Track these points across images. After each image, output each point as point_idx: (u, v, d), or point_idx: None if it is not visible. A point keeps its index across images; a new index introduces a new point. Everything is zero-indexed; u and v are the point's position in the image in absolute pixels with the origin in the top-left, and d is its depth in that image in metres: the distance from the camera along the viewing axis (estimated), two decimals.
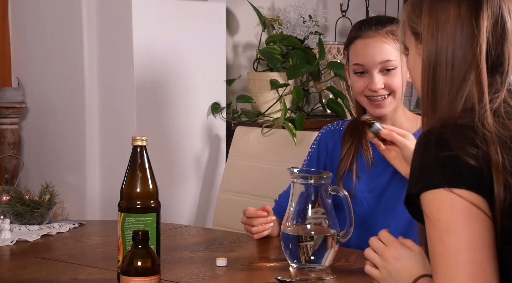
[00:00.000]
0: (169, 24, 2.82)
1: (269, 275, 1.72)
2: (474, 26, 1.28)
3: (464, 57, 1.28)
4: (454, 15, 1.29)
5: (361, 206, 2.01)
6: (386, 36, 1.99)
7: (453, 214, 1.19)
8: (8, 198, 2.22)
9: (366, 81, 2.00)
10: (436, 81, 1.31)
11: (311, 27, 3.25)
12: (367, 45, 2.00)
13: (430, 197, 1.22)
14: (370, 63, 1.99)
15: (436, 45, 1.30)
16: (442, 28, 1.30)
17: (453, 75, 1.29)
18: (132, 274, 1.46)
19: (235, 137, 2.80)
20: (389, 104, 2.00)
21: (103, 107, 2.82)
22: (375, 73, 1.99)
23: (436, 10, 1.31)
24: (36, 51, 2.94)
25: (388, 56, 1.98)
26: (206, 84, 2.96)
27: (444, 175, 1.20)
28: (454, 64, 1.29)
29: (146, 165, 1.62)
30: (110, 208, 2.67)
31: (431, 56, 1.31)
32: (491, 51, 1.29)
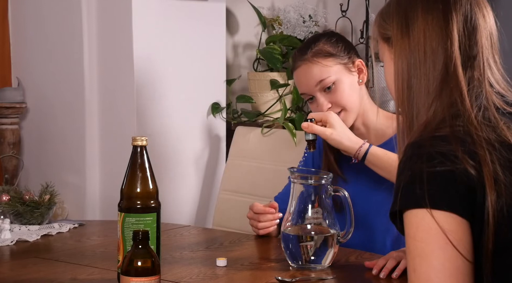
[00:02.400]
0: (169, 24, 2.82)
1: (269, 275, 1.72)
2: (443, 21, 1.27)
3: (436, 53, 1.27)
4: (422, 12, 1.29)
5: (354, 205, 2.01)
6: (311, 60, 2.05)
7: (428, 241, 1.18)
8: (8, 198, 2.22)
9: (318, 104, 2.06)
10: (411, 82, 1.29)
11: (311, 27, 3.25)
12: (298, 75, 2.08)
13: (410, 217, 1.21)
14: (309, 89, 2.06)
15: (408, 43, 1.29)
16: (412, 26, 1.29)
17: (428, 74, 1.27)
18: (132, 274, 1.46)
19: (235, 137, 2.81)
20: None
21: (103, 107, 2.82)
22: (319, 95, 2.05)
23: (404, 10, 1.31)
24: (36, 51, 2.94)
25: (319, 76, 2.04)
26: (206, 84, 2.96)
27: (426, 194, 1.19)
28: (427, 62, 1.28)
29: (146, 165, 1.62)
30: (110, 208, 2.67)
31: (404, 56, 1.30)
32: (464, 45, 1.27)
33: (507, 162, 1.19)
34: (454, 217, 1.18)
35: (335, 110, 2.03)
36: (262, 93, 3.07)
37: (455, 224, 1.18)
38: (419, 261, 1.19)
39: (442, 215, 1.18)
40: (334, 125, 1.94)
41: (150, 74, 2.78)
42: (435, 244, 1.17)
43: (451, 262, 1.17)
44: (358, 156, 1.94)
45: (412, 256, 1.20)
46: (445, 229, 1.17)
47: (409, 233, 1.21)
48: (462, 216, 1.18)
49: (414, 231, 1.20)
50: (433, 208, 1.18)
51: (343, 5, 3.56)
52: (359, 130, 2.06)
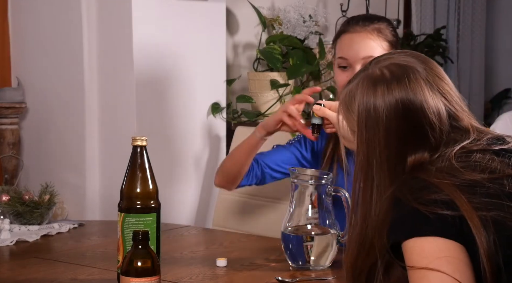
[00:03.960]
0: (169, 24, 2.82)
1: (269, 276, 1.72)
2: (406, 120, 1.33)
3: (398, 147, 1.33)
4: (383, 113, 1.33)
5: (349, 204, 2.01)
6: (372, 33, 2.01)
7: (423, 263, 1.20)
8: (8, 198, 2.22)
9: (349, 75, 2.01)
10: (370, 168, 1.36)
11: (311, 27, 3.25)
12: (352, 39, 2.03)
13: (406, 248, 1.24)
14: (353, 58, 2.01)
15: (367, 140, 1.36)
16: (373, 126, 1.34)
17: (388, 165, 1.34)
18: (132, 275, 1.46)
19: (235, 137, 2.80)
20: None
21: (103, 107, 2.82)
22: (358, 68, 2.00)
23: (365, 110, 1.36)
24: (36, 51, 2.94)
25: (372, 52, 2.00)
26: (206, 84, 2.96)
27: (414, 226, 1.23)
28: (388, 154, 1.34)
29: (146, 165, 1.62)
30: (110, 208, 2.67)
31: (363, 150, 1.37)
32: (436, 133, 1.33)
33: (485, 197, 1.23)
34: (444, 240, 1.21)
35: None
36: (262, 93, 3.07)
37: (447, 244, 1.21)
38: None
39: (436, 240, 1.21)
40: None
41: (150, 74, 2.78)
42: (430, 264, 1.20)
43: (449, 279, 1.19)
44: None
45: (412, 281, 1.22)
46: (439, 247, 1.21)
47: (406, 259, 1.23)
48: (455, 240, 1.21)
49: (409, 256, 1.23)
50: (423, 235, 1.22)
51: (343, 5, 3.56)
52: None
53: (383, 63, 1.39)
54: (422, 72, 1.36)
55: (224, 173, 2.16)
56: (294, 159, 2.16)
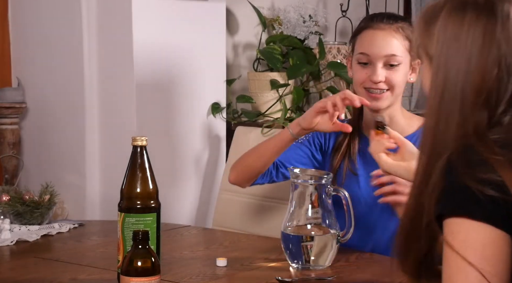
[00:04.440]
0: (169, 24, 2.82)
1: (269, 275, 1.72)
2: (487, 53, 1.23)
3: (474, 81, 1.23)
4: (467, 40, 1.24)
5: (359, 204, 2.01)
6: (396, 31, 2.00)
7: (466, 254, 1.14)
8: (8, 198, 2.22)
9: (368, 72, 2.00)
10: (443, 104, 1.25)
11: (311, 27, 3.25)
12: (375, 36, 2.01)
13: (449, 225, 1.17)
14: (375, 54, 1.99)
15: (448, 68, 1.25)
16: (455, 52, 1.25)
17: (462, 101, 1.23)
18: (132, 274, 1.46)
19: (235, 137, 2.80)
20: (386, 99, 2.00)
21: (103, 107, 2.82)
22: (379, 65, 1.99)
23: (449, 34, 1.26)
24: (36, 51, 2.94)
25: (394, 50, 1.99)
26: (206, 84, 2.95)
27: (465, 202, 1.15)
28: (463, 89, 1.24)
29: (146, 165, 1.62)
30: (110, 208, 2.67)
31: (440, 82, 1.26)
32: (507, 64, 1.23)
33: None
34: (491, 230, 1.14)
35: (385, 87, 1.99)
36: (262, 93, 3.07)
37: (491, 237, 1.14)
38: (455, 272, 1.16)
39: (479, 226, 1.14)
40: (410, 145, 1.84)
41: (150, 74, 2.78)
42: (472, 257, 1.14)
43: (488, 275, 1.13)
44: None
45: (448, 265, 1.17)
46: (482, 242, 1.14)
47: (447, 241, 1.17)
48: (499, 227, 1.14)
49: (451, 241, 1.16)
50: (471, 218, 1.15)
51: (343, 5, 3.56)
52: (383, 118, 2.04)
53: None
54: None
55: (245, 169, 2.11)
56: (306, 158, 2.12)
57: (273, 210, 2.52)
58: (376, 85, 1.99)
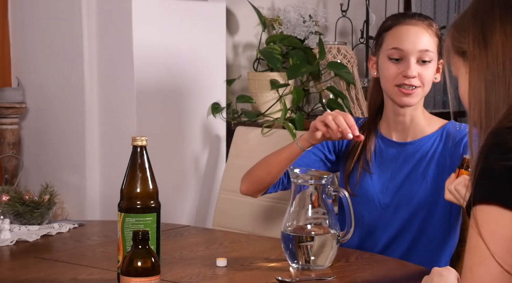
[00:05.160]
0: (169, 24, 2.82)
1: (269, 276, 1.72)
2: None
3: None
4: (500, 24, 1.22)
5: (373, 204, 2.01)
6: (428, 27, 2.00)
7: (491, 244, 1.11)
8: (8, 198, 2.21)
9: (401, 68, 1.99)
10: (489, 99, 1.21)
11: (311, 27, 3.25)
12: (409, 31, 2.00)
13: (477, 212, 1.13)
14: (410, 49, 1.98)
15: (486, 58, 1.22)
16: (490, 38, 1.22)
17: (508, 89, 1.19)
18: (132, 274, 1.46)
19: (235, 137, 2.80)
20: (417, 95, 2.00)
21: (103, 107, 2.82)
22: (412, 60, 1.98)
23: (481, 23, 1.24)
24: (36, 51, 2.94)
25: (428, 46, 1.99)
26: (206, 84, 2.96)
27: (495, 189, 1.11)
28: (506, 76, 1.20)
29: (146, 165, 1.62)
30: (110, 208, 2.67)
31: (481, 72, 1.22)
32: None
33: None
34: None
35: (417, 83, 1.98)
36: (262, 93, 3.07)
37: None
38: (477, 261, 1.12)
39: (509, 217, 1.10)
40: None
41: (150, 74, 2.78)
42: (498, 249, 1.10)
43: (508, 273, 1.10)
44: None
45: (471, 253, 1.14)
46: (508, 235, 1.10)
47: (474, 228, 1.13)
48: None
49: (479, 228, 1.12)
50: (502, 206, 1.10)
51: (343, 5, 3.56)
52: (405, 118, 2.03)
53: None
54: None
55: (255, 181, 2.10)
56: (318, 161, 2.12)
57: (273, 210, 2.52)
58: (409, 81, 1.97)
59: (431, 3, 4.50)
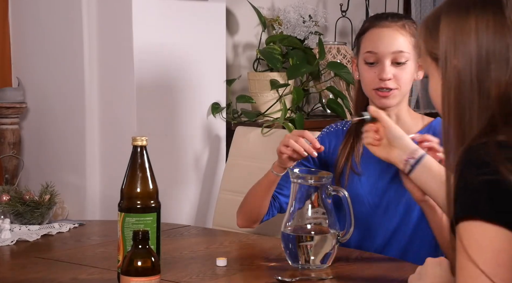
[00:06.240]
0: (169, 24, 2.82)
1: (269, 275, 1.72)
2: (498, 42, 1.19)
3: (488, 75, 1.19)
4: (474, 32, 1.21)
5: (362, 205, 2.01)
6: (402, 28, 2.00)
7: (480, 260, 1.10)
8: (8, 198, 2.22)
9: (377, 71, 1.99)
10: (461, 104, 1.21)
11: (311, 27, 3.25)
12: (382, 33, 2.00)
13: (462, 228, 1.13)
14: (383, 52, 1.99)
15: (459, 65, 1.21)
16: (463, 46, 1.21)
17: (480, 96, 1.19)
18: (132, 274, 1.46)
19: (235, 137, 2.80)
20: (394, 97, 2.00)
21: (103, 107, 2.82)
22: (387, 63, 1.98)
23: (454, 28, 1.23)
24: (36, 51, 2.94)
25: (401, 47, 1.98)
26: (206, 84, 2.96)
27: (477, 205, 1.11)
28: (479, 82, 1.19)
29: (146, 165, 1.62)
30: (110, 208, 2.67)
31: (454, 78, 1.21)
32: None
33: None
34: (507, 234, 1.10)
35: (392, 86, 1.98)
36: (262, 93, 3.07)
37: (507, 242, 1.10)
38: (470, 280, 1.12)
39: (494, 230, 1.10)
40: (393, 127, 1.86)
41: (150, 74, 2.78)
42: (485, 264, 1.10)
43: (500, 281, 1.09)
44: (413, 157, 1.80)
45: (462, 272, 1.13)
46: (496, 248, 1.10)
47: (461, 246, 1.13)
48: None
49: (465, 245, 1.12)
50: (486, 221, 1.10)
51: (343, 5, 3.56)
52: (389, 117, 2.03)
53: None
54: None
55: (247, 213, 2.15)
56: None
57: None
58: (385, 84, 1.98)
59: (431, 3, 4.50)
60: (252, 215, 2.14)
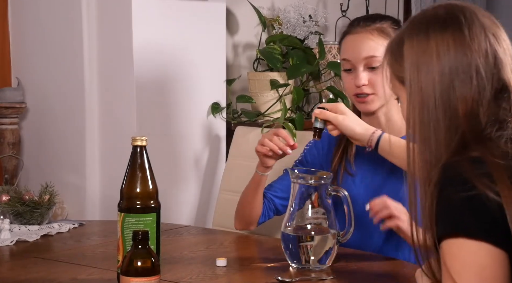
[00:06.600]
0: (169, 24, 2.82)
1: (269, 275, 1.72)
2: (460, 60, 1.22)
3: (453, 93, 1.21)
4: (436, 56, 1.23)
5: (357, 205, 2.01)
6: (373, 33, 2.00)
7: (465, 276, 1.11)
8: (8, 198, 2.22)
9: (353, 78, 2.01)
10: (424, 125, 1.24)
11: (311, 27, 3.25)
12: (353, 40, 2.02)
13: (445, 246, 1.14)
14: (355, 59, 2.00)
15: (421, 86, 1.23)
16: (426, 67, 1.23)
17: (446, 114, 1.22)
18: (132, 274, 1.46)
19: (235, 137, 2.80)
20: (373, 101, 2.01)
21: (103, 107, 2.82)
22: (360, 69, 2.00)
23: (416, 51, 1.25)
24: (36, 51, 2.94)
25: (373, 52, 1.99)
26: (206, 84, 2.96)
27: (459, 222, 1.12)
28: (444, 101, 1.22)
29: (146, 165, 1.62)
30: (110, 208, 2.67)
31: (418, 100, 1.24)
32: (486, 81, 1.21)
33: None
34: (490, 249, 1.11)
35: (368, 91, 1.99)
36: (262, 93, 3.07)
37: (490, 257, 1.11)
38: None
39: (477, 246, 1.11)
40: (345, 113, 1.92)
41: (150, 74, 2.78)
42: (470, 279, 1.11)
43: None
44: (371, 142, 1.88)
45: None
46: (480, 264, 1.11)
47: (446, 265, 1.14)
48: (498, 245, 1.11)
49: (449, 263, 1.13)
50: (468, 237, 1.11)
51: (343, 5, 3.56)
52: (379, 119, 2.04)
53: (437, 3, 1.29)
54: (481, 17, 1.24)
55: (242, 216, 2.17)
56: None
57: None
58: (361, 90, 2.00)
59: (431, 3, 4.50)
60: (245, 216, 2.15)
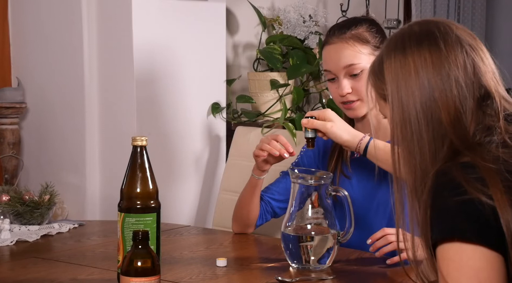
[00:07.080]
0: (169, 24, 2.82)
1: (269, 276, 1.72)
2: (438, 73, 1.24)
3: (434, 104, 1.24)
4: (415, 71, 1.26)
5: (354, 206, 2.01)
6: (348, 41, 2.00)
7: (462, 280, 1.12)
8: (8, 198, 2.22)
9: (337, 86, 2.03)
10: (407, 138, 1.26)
11: (311, 27, 3.25)
12: (331, 51, 2.03)
13: (441, 251, 1.15)
14: (335, 69, 2.02)
15: (402, 101, 1.26)
16: (405, 83, 1.26)
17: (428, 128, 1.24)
18: (132, 274, 1.46)
19: (235, 137, 2.80)
20: (359, 107, 2.02)
21: (103, 107, 2.82)
22: (342, 78, 2.01)
23: (395, 68, 1.28)
24: (36, 51, 2.94)
25: (351, 60, 1.99)
26: (206, 84, 2.96)
27: (455, 226, 1.13)
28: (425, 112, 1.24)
29: (146, 165, 1.62)
30: (110, 208, 2.67)
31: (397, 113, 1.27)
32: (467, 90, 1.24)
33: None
34: (484, 252, 1.12)
35: (353, 98, 2.00)
36: (262, 93, 3.07)
37: (485, 260, 1.12)
38: None
39: (472, 250, 1.12)
40: (333, 119, 1.92)
41: (150, 74, 2.78)
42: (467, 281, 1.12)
43: None
44: (360, 149, 1.89)
45: None
46: (476, 267, 1.12)
47: (441, 270, 1.15)
48: (493, 248, 1.12)
49: (445, 268, 1.14)
50: (463, 241, 1.12)
51: (343, 5, 3.56)
52: (371, 122, 2.05)
53: (412, 21, 1.32)
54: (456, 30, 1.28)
55: (240, 219, 2.17)
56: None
57: None
58: (346, 98, 2.01)
59: (431, 3, 4.50)
60: (243, 219, 2.15)
